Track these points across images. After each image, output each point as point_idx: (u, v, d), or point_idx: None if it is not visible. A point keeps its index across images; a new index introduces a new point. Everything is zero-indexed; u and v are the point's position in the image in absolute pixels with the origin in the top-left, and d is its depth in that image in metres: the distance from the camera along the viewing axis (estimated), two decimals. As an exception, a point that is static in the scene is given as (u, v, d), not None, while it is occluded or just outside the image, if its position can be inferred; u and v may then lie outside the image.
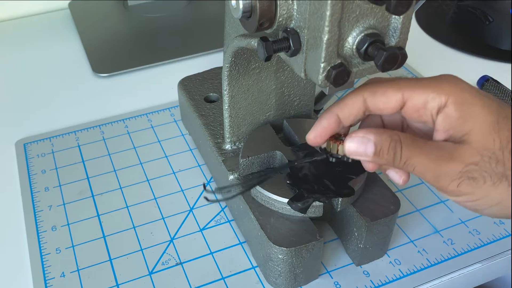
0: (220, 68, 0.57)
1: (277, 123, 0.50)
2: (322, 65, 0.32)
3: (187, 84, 0.56)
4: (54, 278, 0.44)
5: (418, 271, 0.44)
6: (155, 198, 0.51)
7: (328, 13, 0.30)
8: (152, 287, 0.43)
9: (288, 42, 0.33)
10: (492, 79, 0.62)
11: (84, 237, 0.47)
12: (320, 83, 0.33)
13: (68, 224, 0.48)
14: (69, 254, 0.46)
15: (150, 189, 0.52)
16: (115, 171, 0.54)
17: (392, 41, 0.33)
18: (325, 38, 0.31)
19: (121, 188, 0.52)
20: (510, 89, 0.62)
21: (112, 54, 0.70)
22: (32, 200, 0.51)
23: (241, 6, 0.33)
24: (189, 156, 0.55)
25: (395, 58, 0.31)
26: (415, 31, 0.75)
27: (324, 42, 0.31)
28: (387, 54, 0.31)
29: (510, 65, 0.67)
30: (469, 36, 0.72)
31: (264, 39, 0.34)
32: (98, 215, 0.49)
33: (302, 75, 0.34)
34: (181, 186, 0.52)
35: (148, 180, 0.53)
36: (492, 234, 0.47)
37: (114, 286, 0.44)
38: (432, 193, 0.51)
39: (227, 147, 0.49)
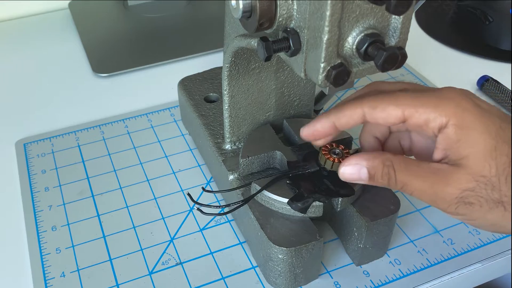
0: (220, 68, 0.57)
1: (277, 123, 0.50)
2: (322, 65, 0.32)
3: (187, 84, 0.56)
4: (54, 278, 0.44)
5: (418, 271, 0.44)
6: (155, 198, 0.51)
7: (328, 13, 0.30)
8: (152, 287, 0.43)
9: (288, 42, 0.33)
10: (492, 79, 0.62)
11: (84, 237, 0.47)
12: (320, 83, 0.33)
13: (68, 224, 0.48)
14: (69, 254, 0.46)
15: (150, 189, 0.52)
16: (115, 171, 0.54)
17: (392, 41, 0.33)
18: (325, 38, 0.31)
19: (121, 188, 0.52)
20: (510, 89, 0.62)
21: (112, 54, 0.70)
22: (32, 200, 0.51)
23: (241, 6, 0.33)
24: (189, 156, 0.55)
25: (395, 58, 0.31)
26: (415, 31, 0.75)
27: (324, 42, 0.31)
28: (387, 54, 0.31)
29: (510, 65, 0.67)
30: (469, 36, 0.72)
31: (264, 39, 0.34)
32: (98, 215, 0.49)
33: (302, 75, 0.34)
34: (181, 186, 0.52)
35: (148, 180, 0.53)
36: (492, 234, 0.47)
37: (114, 286, 0.44)
38: (432, 193, 0.51)
39: (227, 147, 0.49)
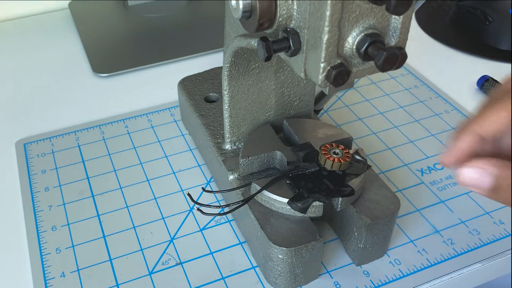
0: (220, 68, 0.57)
1: (277, 123, 0.50)
2: (322, 65, 0.32)
3: (187, 84, 0.56)
4: (54, 278, 0.44)
5: (418, 271, 0.44)
6: (155, 198, 0.51)
7: (328, 13, 0.30)
8: (152, 287, 0.44)
9: (288, 42, 0.33)
10: (492, 79, 0.62)
11: (84, 237, 0.47)
12: (320, 83, 0.33)
13: (68, 224, 0.48)
14: (69, 254, 0.46)
15: (150, 189, 0.52)
16: (115, 171, 0.54)
17: (392, 41, 0.33)
18: (325, 38, 0.31)
19: (121, 188, 0.52)
20: (510, 89, 0.62)
21: (112, 54, 0.70)
22: (32, 200, 0.51)
23: (241, 6, 0.33)
24: (189, 156, 0.55)
25: (395, 58, 0.31)
26: (415, 31, 0.75)
27: (324, 42, 0.31)
28: (387, 54, 0.31)
29: (510, 65, 0.67)
30: (469, 36, 0.72)
31: (264, 39, 0.34)
32: (98, 215, 0.49)
33: (302, 75, 0.34)
34: (181, 186, 0.52)
35: (148, 180, 0.53)
36: (492, 234, 0.47)
37: (114, 286, 0.44)
38: (432, 193, 0.51)
39: (227, 147, 0.49)
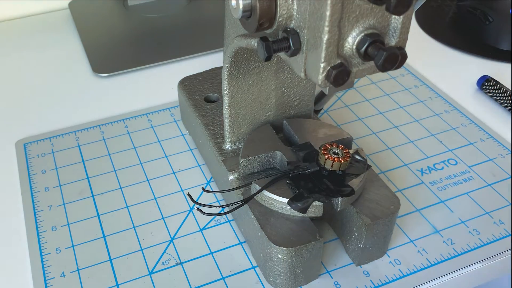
0: (220, 68, 0.57)
1: (277, 123, 0.50)
2: (322, 65, 0.32)
3: (187, 84, 0.56)
4: (54, 278, 0.44)
5: (418, 271, 0.44)
6: (155, 198, 0.51)
7: (328, 13, 0.30)
8: (152, 287, 0.44)
9: (288, 42, 0.33)
10: (492, 79, 0.62)
11: (84, 237, 0.47)
12: (320, 83, 0.33)
13: (68, 224, 0.48)
14: (69, 254, 0.46)
15: (150, 189, 0.52)
16: (115, 171, 0.54)
17: (392, 41, 0.33)
18: (325, 38, 0.31)
19: (121, 188, 0.52)
20: (510, 89, 0.62)
21: (112, 54, 0.70)
22: (32, 200, 0.51)
23: (241, 6, 0.33)
24: (189, 156, 0.55)
25: (395, 58, 0.31)
26: (415, 31, 0.75)
27: (324, 42, 0.31)
28: (387, 54, 0.31)
29: (510, 65, 0.67)
30: (469, 36, 0.72)
31: (264, 39, 0.34)
32: (98, 215, 0.49)
33: (302, 75, 0.34)
34: (181, 186, 0.52)
35: (148, 180, 0.53)
36: (492, 234, 0.47)
37: (114, 286, 0.44)
38: (432, 193, 0.51)
39: (227, 147, 0.49)
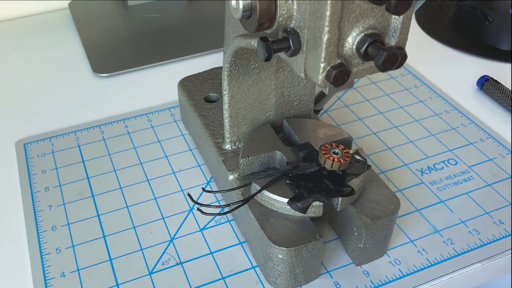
0: (220, 68, 0.57)
1: (277, 123, 0.50)
2: (322, 65, 0.32)
3: (187, 84, 0.56)
4: (54, 278, 0.44)
5: (418, 271, 0.44)
6: (155, 198, 0.51)
7: (328, 13, 0.30)
8: (152, 287, 0.44)
9: (288, 42, 0.33)
10: (492, 79, 0.62)
11: (84, 237, 0.47)
12: (320, 83, 0.33)
13: (68, 224, 0.48)
14: (69, 254, 0.46)
15: (150, 189, 0.52)
16: (115, 171, 0.54)
17: (392, 41, 0.33)
18: (325, 38, 0.31)
19: (121, 188, 0.52)
20: (510, 89, 0.62)
21: (112, 54, 0.70)
22: (32, 200, 0.51)
23: (241, 6, 0.33)
24: (189, 156, 0.55)
25: (395, 58, 0.31)
26: (415, 31, 0.75)
27: (324, 42, 0.31)
28: (387, 54, 0.31)
29: (510, 65, 0.68)
30: (469, 36, 0.72)
31: (264, 39, 0.34)
32: (98, 215, 0.49)
33: (302, 75, 0.34)
34: (181, 186, 0.52)
35: (148, 180, 0.53)
36: (492, 234, 0.47)
37: (114, 286, 0.44)
38: (432, 193, 0.51)
39: (227, 147, 0.49)
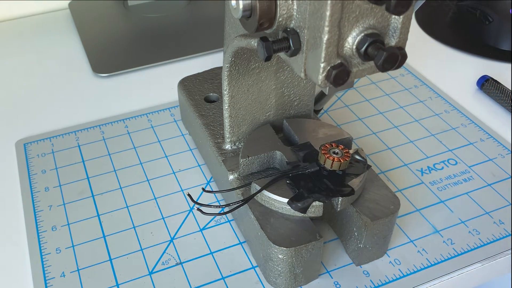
0: (220, 68, 0.57)
1: (277, 123, 0.50)
2: (322, 65, 0.32)
3: (187, 84, 0.56)
4: (54, 278, 0.44)
5: (418, 271, 0.44)
6: (155, 198, 0.51)
7: (328, 13, 0.30)
8: (152, 287, 0.44)
9: (288, 42, 0.33)
10: (492, 79, 0.62)
11: (84, 237, 0.47)
12: (320, 83, 0.33)
13: (68, 224, 0.48)
14: (69, 254, 0.46)
15: (150, 189, 0.52)
16: (115, 171, 0.54)
17: (392, 41, 0.33)
18: (325, 38, 0.31)
19: (121, 188, 0.52)
20: (510, 89, 0.62)
21: (112, 54, 0.70)
22: (32, 200, 0.51)
23: (241, 6, 0.33)
24: (189, 156, 0.55)
25: (395, 58, 0.31)
26: (415, 31, 0.75)
27: (324, 42, 0.31)
28: (387, 54, 0.31)
29: (510, 65, 0.68)
30: (469, 36, 0.72)
31: (264, 39, 0.34)
32: (98, 215, 0.49)
33: (302, 75, 0.34)
34: (181, 186, 0.52)
35: (148, 180, 0.53)
36: (492, 234, 0.47)
37: (114, 286, 0.44)
38: (432, 193, 0.51)
39: (227, 147, 0.49)
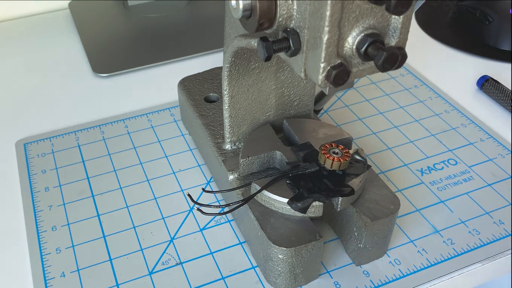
0: (220, 68, 0.57)
1: (277, 123, 0.50)
2: (322, 65, 0.32)
3: (187, 84, 0.56)
4: (54, 278, 0.44)
5: (418, 271, 0.44)
6: (155, 198, 0.51)
7: (328, 13, 0.30)
8: (152, 287, 0.44)
9: (288, 42, 0.33)
10: (492, 79, 0.62)
11: (84, 237, 0.47)
12: (320, 83, 0.33)
13: (68, 224, 0.48)
14: (69, 254, 0.46)
15: (150, 189, 0.52)
16: (115, 171, 0.54)
17: (392, 41, 0.33)
18: (325, 38, 0.31)
19: (121, 188, 0.52)
20: (510, 89, 0.62)
21: (112, 54, 0.70)
22: (32, 200, 0.51)
23: (241, 6, 0.33)
24: (189, 156, 0.55)
25: (395, 58, 0.31)
26: (415, 31, 0.75)
27: (324, 42, 0.31)
28: (387, 54, 0.31)
29: (510, 65, 0.68)
30: (469, 36, 0.72)
31: (264, 39, 0.34)
32: (98, 215, 0.49)
33: (302, 75, 0.34)
34: (181, 186, 0.52)
35: (148, 180, 0.53)
36: (492, 234, 0.47)
37: (114, 286, 0.44)
38: (432, 193, 0.51)
39: (227, 147, 0.49)
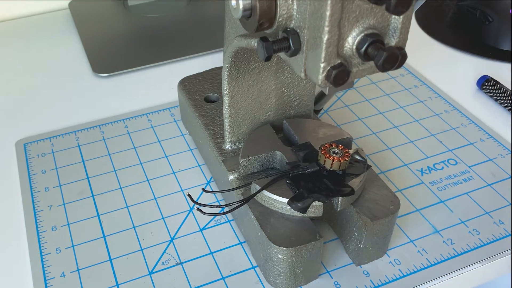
0: (220, 68, 0.57)
1: (277, 123, 0.50)
2: (322, 65, 0.32)
3: (187, 84, 0.56)
4: (54, 278, 0.44)
5: (418, 271, 0.44)
6: (155, 198, 0.51)
7: (328, 13, 0.30)
8: (152, 287, 0.44)
9: (288, 42, 0.33)
10: (492, 79, 0.62)
11: (84, 237, 0.47)
12: (320, 83, 0.33)
13: (68, 224, 0.48)
14: (69, 254, 0.46)
15: (150, 189, 0.52)
16: (115, 171, 0.54)
17: (392, 41, 0.33)
18: (325, 38, 0.31)
19: (121, 188, 0.52)
20: (510, 89, 0.62)
21: (112, 54, 0.70)
22: (32, 200, 0.51)
23: (241, 6, 0.33)
24: (189, 156, 0.55)
25: (395, 58, 0.31)
26: (415, 31, 0.75)
27: (324, 42, 0.31)
28: (387, 54, 0.31)
29: (510, 65, 0.68)
30: (469, 36, 0.72)
31: (264, 39, 0.34)
32: (98, 215, 0.49)
33: (302, 75, 0.34)
34: (181, 186, 0.52)
35: (148, 180, 0.53)
36: (492, 234, 0.47)
37: (114, 286, 0.44)
38: (432, 193, 0.51)
39: (227, 147, 0.49)
